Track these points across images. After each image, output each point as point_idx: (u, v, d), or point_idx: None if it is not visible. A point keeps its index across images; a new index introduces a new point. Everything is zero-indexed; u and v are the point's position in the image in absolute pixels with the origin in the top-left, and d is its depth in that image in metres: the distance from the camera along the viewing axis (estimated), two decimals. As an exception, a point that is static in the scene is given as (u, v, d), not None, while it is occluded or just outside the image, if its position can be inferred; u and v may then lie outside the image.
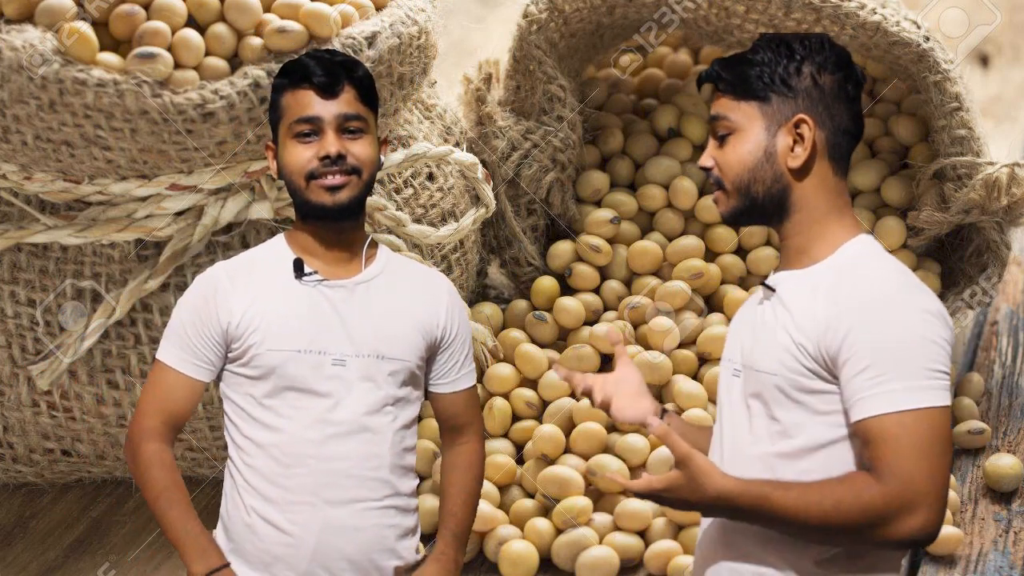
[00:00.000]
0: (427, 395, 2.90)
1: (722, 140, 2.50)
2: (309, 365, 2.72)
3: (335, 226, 2.77)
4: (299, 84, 2.76)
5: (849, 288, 2.39)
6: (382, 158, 2.83)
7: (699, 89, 2.64)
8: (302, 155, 2.74)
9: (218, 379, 2.78)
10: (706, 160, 2.53)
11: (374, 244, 2.85)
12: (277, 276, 2.78)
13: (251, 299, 2.75)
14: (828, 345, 2.37)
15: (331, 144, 2.72)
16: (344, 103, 2.75)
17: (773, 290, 2.48)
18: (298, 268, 2.77)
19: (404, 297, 2.82)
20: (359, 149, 2.75)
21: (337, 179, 2.73)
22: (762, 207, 2.50)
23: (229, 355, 2.77)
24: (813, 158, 2.49)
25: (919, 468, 2.31)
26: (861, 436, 2.34)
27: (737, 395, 2.49)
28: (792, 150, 2.48)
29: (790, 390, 2.41)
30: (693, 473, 2.35)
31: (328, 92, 2.74)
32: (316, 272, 2.77)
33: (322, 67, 2.76)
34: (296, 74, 2.77)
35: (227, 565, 2.71)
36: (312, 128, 2.74)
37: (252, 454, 2.73)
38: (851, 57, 2.52)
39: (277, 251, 2.82)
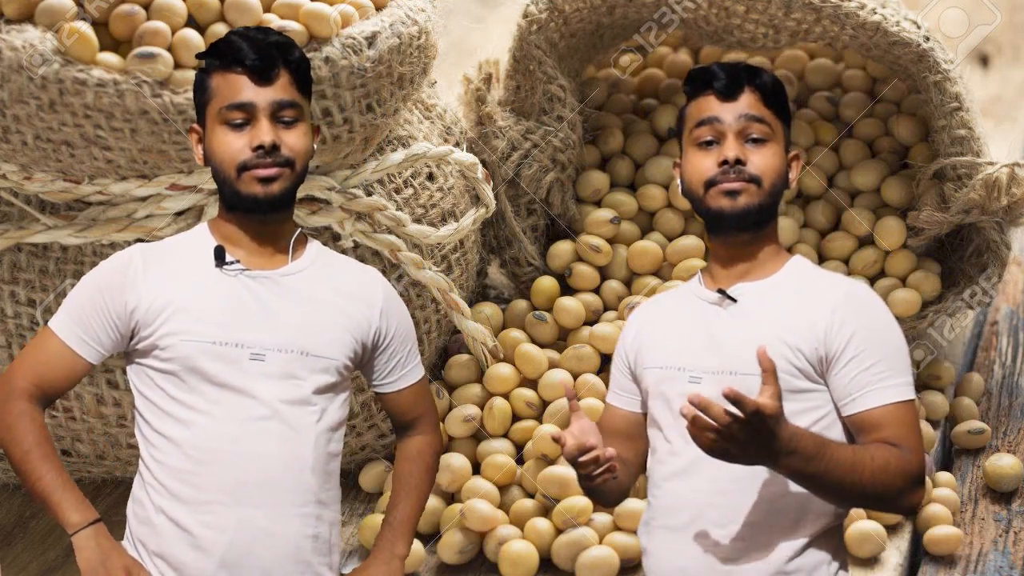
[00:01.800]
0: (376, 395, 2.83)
1: (755, 143, 2.69)
2: (224, 358, 2.57)
3: (262, 218, 2.64)
4: (230, 66, 2.61)
5: (840, 297, 2.66)
6: (315, 147, 2.69)
7: (725, 79, 2.69)
8: (233, 144, 2.59)
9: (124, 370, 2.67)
10: (739, 153, 2.69)
11: (303, 237, 2.72)
12: (196, 263, 2.63)
13: (164, 286, 2.61)
14: (828, 347, 2.62)
15: (265, 133, 2.58)
16: (279, 89, 2.60)
17: (733, 300, 2.68)
18: (219, 256, 2.62)
19: (334, 293, 2.68)
20: (293, 139, 2.60)
21: (271, 171, 2.58)
22: (771, 212, 2.73)
23: (138, 345, 2.62)
24: None
25: (921, 448, 2.61)
26: (871, 422, 2.60)
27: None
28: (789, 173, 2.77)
29: (782, 389, 2.55)
30: (776, 409, 2.52)
31: (262, 77, 2.59)
32: (238, 261, 2.62)
33: (256, 49, 2.60)
34: (227, 56, 2.61)
35: (100, 520, 2.58)
36: (244, 117, 2.59)
37: (163, 450, 2.58)
38: None
39: (199, 238, 2.68)
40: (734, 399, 2.45)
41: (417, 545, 3.21)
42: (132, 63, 2.98)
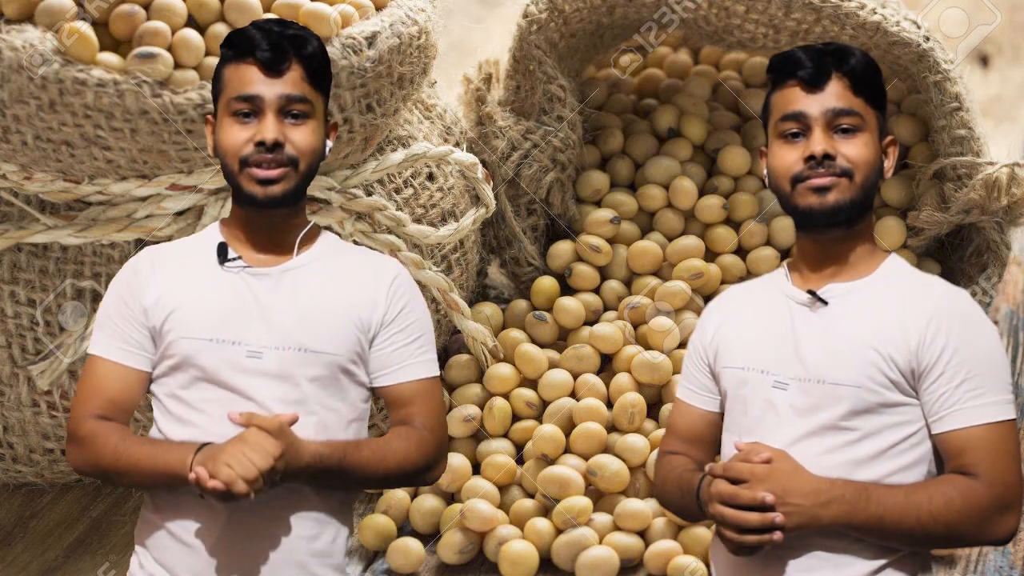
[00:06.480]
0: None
1: (845, 133, 2.54)
2: (222, 356, 2.53)
3: (268, 214, 2.59)
4: (242, 57, 2.56)
5: (937, 306, 2.50)
6: (329, 144, 2.63)
7: (811, 68, 2.55)
8: (237, 136, 2.55)
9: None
10: (827, 147, 2.53)
11: (315, 232, 2.66)
12: (201, 262, 2.61)
13: (169, 284, 2.59)
14: (921, 359, 2.47)
15: (268, 130, 2.53)
16: (289, 83, 2.55)
17: (824, 302, 2.54)
18: (221, 253, 2.60)
19: (337, 285, 2.62)
20: (300, 137, 2.55)
21: (272, 172, 2.53)
22: (865, 206, 2.56)
23: (159, 348, 2.59)
24: None
25: (1014, 473, 2.46)
26: (957, 444, 2.46)
27: (786, 408, 2.52)
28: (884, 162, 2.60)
29: (872, 403, 2.48)
30: (793, 464, 2.43)
31: (272, 70, 2.54)
32: (240, 258, 2.59)
33: (268, 41, 2.55)
34: (240, 46, 2.57)
35: (207, 444, 2.47)
36: (251, 108, 2.55)
37: None
38: None
39: (208, 237, 2.66)
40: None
41: (417, 545, 3.21)
42: (132, 63, 2.98)
